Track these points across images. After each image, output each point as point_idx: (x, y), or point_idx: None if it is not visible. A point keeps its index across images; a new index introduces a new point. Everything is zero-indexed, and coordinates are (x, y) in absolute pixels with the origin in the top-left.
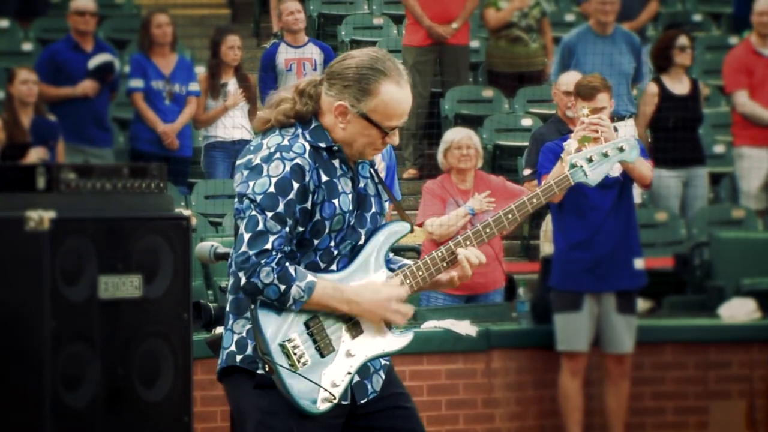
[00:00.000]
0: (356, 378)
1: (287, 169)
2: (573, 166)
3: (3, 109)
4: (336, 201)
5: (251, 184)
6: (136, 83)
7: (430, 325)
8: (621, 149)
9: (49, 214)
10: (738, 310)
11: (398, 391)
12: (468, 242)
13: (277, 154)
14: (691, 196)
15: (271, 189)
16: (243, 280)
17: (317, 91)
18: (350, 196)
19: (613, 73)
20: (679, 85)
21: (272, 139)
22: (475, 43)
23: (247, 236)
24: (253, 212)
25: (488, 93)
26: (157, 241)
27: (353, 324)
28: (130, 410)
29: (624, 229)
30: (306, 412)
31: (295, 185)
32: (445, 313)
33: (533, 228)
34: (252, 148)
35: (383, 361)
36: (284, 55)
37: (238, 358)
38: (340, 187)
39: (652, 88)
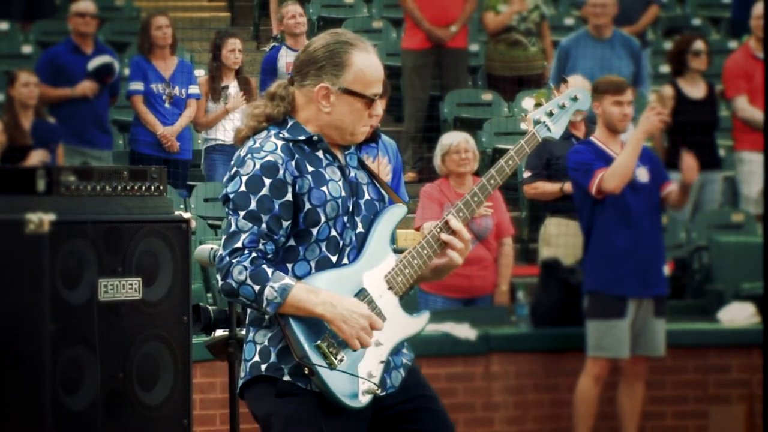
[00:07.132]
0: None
1: (257, 166)
2: (537, 122)
3: (3, 111)
4: (325, 188)
5: (228, 186)
6: (136, 86)
7: (429, 328)
8: (575, 98)
9: (49, 217)
10: (737, 315)
11: (425, 393)
12: (461, 214)
13: (249, 155)
14: (704, 200)
15: (242, 188)
16: (220, 282)
17: (288, 91)
18: (340, 182)
19: None
20: (695, 89)
21: (245, 146)
22: (474, 47)
23: (223, 238)
24: (230, 214)
25: (487, 96)
26: (156, 244)
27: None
28: (130, 413)
29: (658, 233)
30: (350, 408)
31: (267, 181)
32: (445, 317)
33: (532, 231)
34: (233, 161)
35: (404, 360)
36: (285, 58)
37: (263, 367)
38: (327, 176)
39: (668, 91)
